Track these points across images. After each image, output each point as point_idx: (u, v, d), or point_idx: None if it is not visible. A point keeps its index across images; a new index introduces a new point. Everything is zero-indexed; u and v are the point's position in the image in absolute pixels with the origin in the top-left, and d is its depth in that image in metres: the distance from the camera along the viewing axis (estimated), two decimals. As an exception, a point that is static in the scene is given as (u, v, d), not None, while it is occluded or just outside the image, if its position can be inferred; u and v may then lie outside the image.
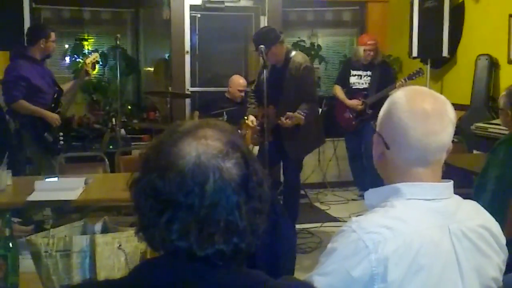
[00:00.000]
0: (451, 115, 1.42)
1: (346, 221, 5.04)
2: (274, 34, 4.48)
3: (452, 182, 1.47)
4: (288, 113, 4.34)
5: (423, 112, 1.39)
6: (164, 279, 0.96)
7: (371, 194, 1.50)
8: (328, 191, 6.61)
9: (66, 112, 4.97)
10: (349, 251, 1.33)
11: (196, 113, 5.99)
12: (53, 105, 4.78)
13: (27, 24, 5.27)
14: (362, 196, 6.15)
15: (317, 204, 6.07)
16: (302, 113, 4.32)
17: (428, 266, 1.33)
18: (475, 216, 1.47)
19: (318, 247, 4.55)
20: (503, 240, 1.49)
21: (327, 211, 5.81)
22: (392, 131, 1.43)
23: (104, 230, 1.57)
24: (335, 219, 5.43)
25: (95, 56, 5.13)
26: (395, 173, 1.45)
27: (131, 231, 1.49)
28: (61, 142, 4.75)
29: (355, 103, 5.90)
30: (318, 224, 5.20)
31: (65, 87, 5.02)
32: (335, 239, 1.39)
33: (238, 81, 5.95)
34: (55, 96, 4.82)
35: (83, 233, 1.55)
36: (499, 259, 1.47)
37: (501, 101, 3.21)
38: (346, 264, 1.32)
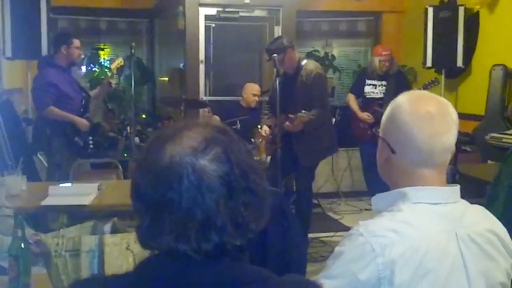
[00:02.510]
0: (454, 117, 1.43)
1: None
2: (285, 40, 4.53)
3: (458, 186, 1.47)
4: (290, 115, 4.33)
5: (427, 114, 1.40)
6: (150, 276, 0.99)
7: (378, 198, 1.51)
8: (342, 201, 6.60)
9: (93, 118, 5.07)
10: (356, 254, 1.34)
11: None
12: (81, 110, 4.88)
13: (44, 34, 5.35)
14: (375, 206, 6.12)
15: (330, 214, 6.07)
16: (305, 112, 4.27)
17: (435, 270, 1.33)
18: (482, 220, 1.47)
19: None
20: (510, 244, 1.48)
21: (340, 221, 5.81)
22: (397, 134, 1.44)
23: (114, 231, 1.59)
24: (348, 229, 5.35)
25: (119, 60, 5.20)
26: (401, 176, 1.45)
27: (139, 233, 1.51)
28: (91, 146, 4.84)
29: (365, 116, 5.89)
30: (331, 234, 5.19)
31: (91, 93, 5.14)
32: (343, 242, 1.40)
33: (252, 87, 6.00)
34: (82, 102, 4.92)
35: (93, 233, 1.58)
36: (507, 263, 1.46)
37: None
38: (353, 267, 1.33)
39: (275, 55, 4.33)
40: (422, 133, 1.40)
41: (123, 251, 1.46)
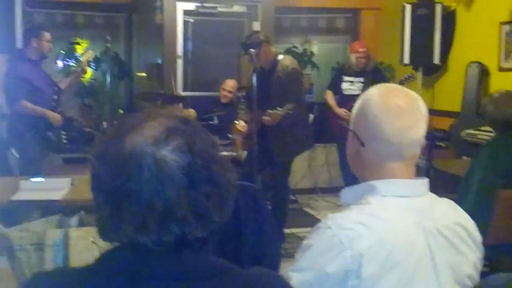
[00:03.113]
0: (423, 110, 1.44)
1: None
2: (261, 35, 4.52)
3: (427, 179, 1.47)
4: (268, 111, 4.33)
5: (397, 107, 1.40)
6: (110, 269, 0.98)
7: (346, 192, 1.51)
8: (319, 197, 6.61)
9: (66, 112, 5.03)
10: (324, 247, 1.33)
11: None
12: (53, 104, 4.81)
13: (19, 27, 5.27)
14: (352, 202, 6.16)
15: (308, 209, 6.08)
16: (280, 110, 4.28)
17: (402, 263, 1.33)
18: (450, 213, 1.47)
19: (307, 251, 4.55)
20: (478, 238, 1.49)
21: (317, 216, 5.81)
22: (367, 127, 1.44)
23: (80, 225, 1.56)
24: (325, 225, 5.40)
25: (90, 53, 5.15)
26: (370, 169, 1.45)
27: (106, 226, 1.48)
28: (65, 141, 4.79)
29: (342, 112, 5.90)
30: (307, 229, 5.16)
31: (62, 85, 5.07)
32: (311, 235, 1.40)
33: (226, 83, 5.98)
34: (54, 96, 4.85)
35: (59, 227, 1.55)
36: (474, 256, 1.47)
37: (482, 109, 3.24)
38: (321, 260, 1.32)
39: (251, 49, 4.32)
40: (391, 126, 1.40)
41: (88, 245, 1.44)
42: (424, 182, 1.46)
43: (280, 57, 4.59)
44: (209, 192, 0.99)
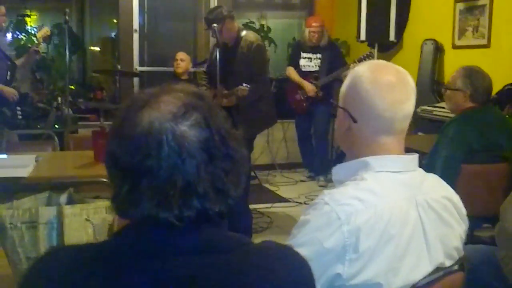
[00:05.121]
0: (413, 85, 1.48)
1: (295, 202, 5.08)
2: (225, 10, 4.46)
3: (417, 155, 1.51)
4: (224, 92, 4.30)
5: (389, 82, 1.43)
6: (134, 244, 0.97)
7: (339, 169, 1.52)
8: (277, 173, 6.67)
9: (20, 88, 4.86)
10: (322, 222, 1.35)
11: None
12: (7, 79, 4.64)
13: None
14: (310, 177, 6.26)
15: (267, 185, 6.12)
16: (246, 85, 4.23)
17: (397, 236, 1.36)
18: (438, 188, 1.52)
19: (269, 227, 4.60)
20: (464, 210, 1.54)
21: (277, 192, 5.87)
22: (359, 104, 1.46)
23: (69, 202, 1.53)
24: (284, 200, 5.48)
25: (46, 29, 4.98)
26: (362, 145, 1.47)
27: (98, 203, 1.47)
28: (20, 117, 4.64)
29: (310, 88, 5.94)
30: (268, 205, 5.24)
31: (17, 62, 4.90)
32: (308, 211, 1.41)
33: (177, 54, 5.88)
34: (9, 71, 4.68)
35: (48, 204, 1.51)
36: (460, 229, 1.52)
37: (459, 82, 3.28)
38: (319, 235, 1.34)
39: (214, 24, 4.26)
40: (383, 101, 1.42)
41: (82, 223, 1.42)
42: (414, 157, 1.50)
43: (244, 32, 4.54)
44: (227, 168, 0.99)
